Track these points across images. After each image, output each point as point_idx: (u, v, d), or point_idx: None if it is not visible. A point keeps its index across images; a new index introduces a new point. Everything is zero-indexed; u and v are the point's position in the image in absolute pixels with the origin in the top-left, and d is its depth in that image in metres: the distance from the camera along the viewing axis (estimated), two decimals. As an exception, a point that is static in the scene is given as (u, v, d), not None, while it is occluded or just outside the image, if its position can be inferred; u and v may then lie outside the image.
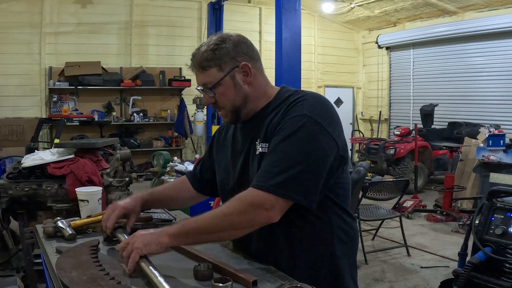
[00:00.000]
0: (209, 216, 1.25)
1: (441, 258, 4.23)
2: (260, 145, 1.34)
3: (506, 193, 2.34)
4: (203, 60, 1.33)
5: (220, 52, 1.33)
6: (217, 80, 1.33)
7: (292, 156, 1.22)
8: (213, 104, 1.40)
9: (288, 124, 1.26)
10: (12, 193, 2.69)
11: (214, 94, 1.36)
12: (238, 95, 1.36)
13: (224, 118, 1.43)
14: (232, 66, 1.34)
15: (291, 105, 1.31)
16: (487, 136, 5.56)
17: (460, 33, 8.30)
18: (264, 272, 1.27)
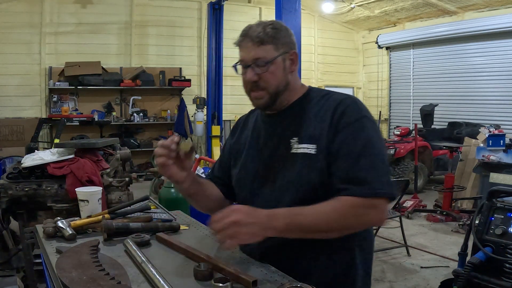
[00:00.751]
0: (321, 216, 1.20)
1: (441, 258, 4.23)
2: (301, 145, 1.32)
3: (506, 193, 2.34)
4: (265, 34, 1.32)
5: (279, 33, 1.34)
6: (272, 57, 1.32)
7: (381, 157, 1.26)
8: (253, 83, 1.35)
9: (354, 128, 1.27)
10: (12, 193, 2.69)
11: (266, 70, 1.33)
12: (283, 79, 1.36)
13: (258, 100, 1.37)
14: (285, 50, 1.35)
15: (340, 106, 1.31)
16: (487, 136, 5.56)
17: (460, 33, 8.30)
18: (264, 272, 1.27)
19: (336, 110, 1.30)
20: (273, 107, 1.39)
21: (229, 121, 9.59)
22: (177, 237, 1.58)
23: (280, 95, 1.36)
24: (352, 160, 1.23)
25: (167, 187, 3.11)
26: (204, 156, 7.77)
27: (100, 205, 1.82)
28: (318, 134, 1.30)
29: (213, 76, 8.42)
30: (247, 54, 1.35)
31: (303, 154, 1.30)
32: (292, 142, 1.33)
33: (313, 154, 1.29)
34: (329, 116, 1.30)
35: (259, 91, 1.36)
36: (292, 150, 1.32)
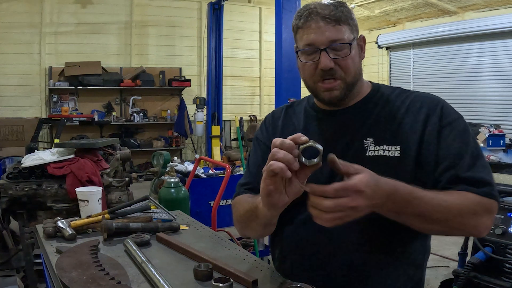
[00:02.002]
0: (442, 207, 1.01)
1: (441, 258, 4.23)
2: (379, 147, 1.14)
3: (506, 193, 2.34)
4: (342, 13, 1.13)
5: (352, 15, 1.18)
6: (350, 40, 1.13)
7: (484, 160, 1.13)
8: (326, 71, 1.14)
9: (461, 126, 1.14)
10: (12, 193, 2.69)
11: (347, 54, 1.13)
12: (360, 67, 1.19)
13: (332, 91, 1.16)
14: (356, 34, 1.17)
15: (437, 106, 1.16)
16: (487, 136, 5.56)
17: (460, 33, 8.30)
18: (264, 272, 1.27)
19: (432, 109, 1.15)
20: (346, 98, 1.19)
21: (229, 121, 9.59)
22: (177, 237, 1.58)
23: (355, 87, 1.18)
24: (468, 160, 1.09)
25: (167, 187, 3.11)
26: (204, 156, 7.78)
27: (100, 205, 1.82)
28: (404, 134, 1.13)
29: (213, 76, 8.43)
30: (320, 35, 1.12)
31: (383, 156, 1.13)
32: (367, 143, 1.15)
33: (396, 156, 1.12)
34: (423, 113, 1.14)
35: (333, 80, 1.15)
36: (368, 153, 1.15)
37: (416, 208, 0.98)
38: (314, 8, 1.14)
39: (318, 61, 1.14)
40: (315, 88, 1.19)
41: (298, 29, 1.17)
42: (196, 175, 4.47)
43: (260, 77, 10.04)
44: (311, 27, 1.13)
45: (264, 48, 9.85)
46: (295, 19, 1.18)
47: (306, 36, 1.14)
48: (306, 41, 1.15)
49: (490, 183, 1.08)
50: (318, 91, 1.19)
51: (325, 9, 1.13)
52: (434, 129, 1.13)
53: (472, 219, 1.05)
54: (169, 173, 4.13)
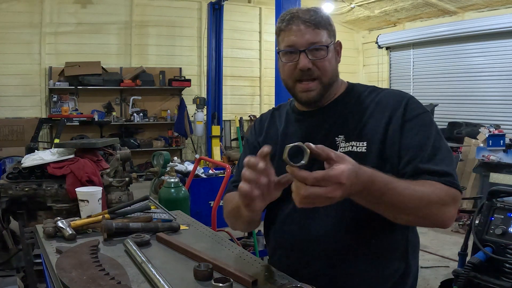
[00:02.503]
0: (416, 195, 1.04)
1: (441, 258, 4.23)
2: (348, 143, 1.21)
3: (506, 193, 2.34)
4: (321, 19, 1.22)
5: (331, 20, 1.26)
6: (327, 43, 1.22)
7: (444, 149, 1.17)
8: (304, 72, 1.22)
9: (425, 120, 1.21)
10: (12, 193, 2.69)
11: (324, 56, 1.21)
12: (336, 70, 1.28)
13: (309, 91, 1.24)
14: (333, 39, 1.26)
15: (392, 101, 1.23)
16: (487, 136, 5.56)
17: (460, 33, 8.30)
18: (264, 272, 1.27)
19: (397, 105, 1.22)
20: (322, 99, 1.27)
21: (229, 121, 9.59)
22: (177, 237, 1.58)
23: (330, 88, 1.27)
24: (429, 152, 1.14)
25: (167, 187, 3.11)
26: (204, 156, 7.78)
27: (100, 205, 1.82)
28: (370, 130, 1.20)
29: (213, 76, 8.43)
30: (300, 38, 1.20)
31: (351, 152, 1.19)
32: (338, 140, 1.23)
33: (363, 152, 1.19)
34: (389, 110, 1.21)
35: (310, 81, 1.23)
36: (339, 149, 1.21)
37: (389, 197, 1.02)
38: (296, 12, 1.23)
39: (298, 61, 1.22)
40: (294, 89, 1.27)
41: (281, 31, 1.25)
42: (196, 175, 4.47)
43: (260, 77, 10.04)
44: (292, 30, 1.21)
45: (264, 48, 9.84)
46: (278, 22, 1.26)
47: (288, 38, 1.23)
48: (287, 42, 1.23)
49: (451, 173, 1.12)
50: (296, 92, 1.27)
51: (306, 14, 1.21)
52: (397, 124, 1.19)
53: (440, 209, 1.08)
54: (169, 173, 4.13)
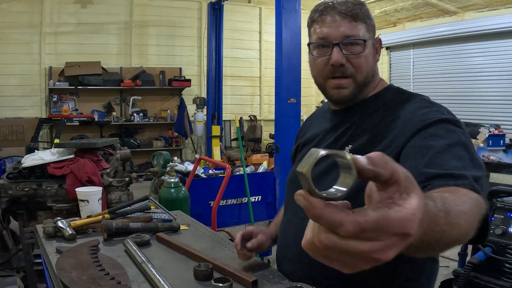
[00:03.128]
0: (470, 216, 0.71)
1: (441, 258, 4.23)
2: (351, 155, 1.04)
3: (506, 193, 2.34)
4: (360, 11, 1.10)
5: (370, 15, 1.15)
6: (365, 38, 1.10)
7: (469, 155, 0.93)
8: (337, 68, 1.09)
9: (436, 129, 1.00)
10: (12, 193, 2.69)
11: (361, 51, 1.09)
12: (373, 68, 1.14)
13: (342, 89, 1.12)
14: (373, 35, 1.15)
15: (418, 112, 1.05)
16: (487, 136, 5.56)
17: (460, 33, 8.30)
18: (264, 272, 1.27)
19: (420, 124, 1.03)
20: (356, 99, 1.14)
21: (229, 121, 9.60)
22: (177, 237, 1.58)
23: (365, 87, 1.13)
24: (443, 154, 0.91)
25: (167, 187, 3.11)
26: (204, 156, 7.78)
27: (100, 205, 1.83)
28: (382, 149, 1.02)
29: (213, 76, 8.43)
30: (334, 30, 1.08)
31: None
32: (346, 149, 1.09)
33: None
34: (409, 132, 1.02)
35: (343, 78, 1.11)
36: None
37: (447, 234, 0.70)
38: (331, 2, 1.10)
39: (330, 56, 1.09)
40: (325, 85, 1.14)
41: (313, 22, 1.14)
42: (196, 175, 4.46)
43: (260, 77, 10.04)
44: (326, 21, 1.09)
45: (264, 48, 9.84)
46: (311, 13, 1.15)
47: (320, 29, 1.10)
48: (319, 34, 1.11)
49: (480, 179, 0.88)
50: (327, 89, 1.14)
51: (343, 5, 1.09)
52: (412, 135, 1.02)
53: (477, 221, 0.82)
54: (169, 173, 4.13)
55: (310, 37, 1.16)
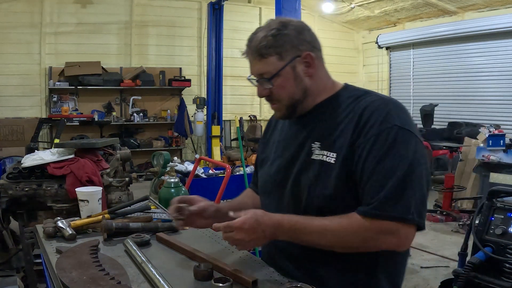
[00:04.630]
0: (325, 233, 1.13)
1: (441, 258, 4.23)
2: (320, 151, 1.20)
3: (506, 193, 2.34)
4: (262, 46, 1.19)
5: (282, 39, 1.19)
6: (276, 70, 1.19)
7: (400, 174, 1.08)
8: (267, 97, 1.25)
9: (379, 139, 1.12)
10: (12, 193, 2.68)
11: (271, 86, 1.21)
12: (298, 88, 1.22)
13: (277, 112, 1.29)
14: (293, 55, 1.20)
15: (365, 113, 1.16)
16: (487, 136, 5.55)
17: (460, 33, 8.30)
18: (264, 272, 1.27)
19: (361, 117, 1.16)
20: (295, 115, 1.28)
21: (229, 121, 9.60)
22: (177, 237, 1.58)
23: (299, 104, 1.25)
24: (375, 180, 1.10)
25: (167, 187, 3.10)
26: (204, 156, 7.78)
27: (100, 205, 1.82)
28: (340, 143, 1.17)
29: (213, 76, 8.43)
30: (252, 69, 1.25)
31: (322, 161, 1.19)
32: (314, 147, 1.22)
33: (331, 163, 1.17)
34: (354, 123, 1.16)
35: (274, 103, 1.27)
36: (313, 156, 1.21)
37: (302, 236, 1.15)
38: (252, 39, 1.23)
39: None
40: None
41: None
42: (196, 175, 4.46)
43: (260, 77, 10.03)
44: (248, 60, 1.25)
45: (264, 48, 9.84)
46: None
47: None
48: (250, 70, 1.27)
49: (386, 203, 1.08)
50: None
51: (255, 40, 1.21)
52: (357, 138, 1.15)
53: (360, 242, 1.12)
54: (169, 173, 4.12)
55: None
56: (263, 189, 1.41)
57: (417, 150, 1.12)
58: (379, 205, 1.09)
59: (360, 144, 1.14)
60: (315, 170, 1.20)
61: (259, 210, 1.19)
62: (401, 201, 1.08)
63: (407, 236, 1.12)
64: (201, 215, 1.35)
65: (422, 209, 1.13)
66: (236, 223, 1.13)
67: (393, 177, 1.09)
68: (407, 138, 1.12)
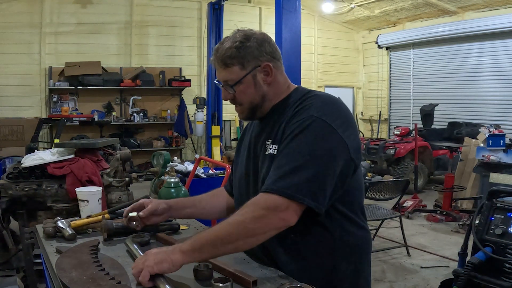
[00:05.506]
0: (222, 226, 1.20)
1: (441, 258, 4.23)
2: (270, 146, 1.33)
3: (506, 193, 2.34)
4: (227, 57, 1.33)
5: (245, 51, 1.32)
6: (238, 78, 1.34)
7: (299, 157, 1.20)
8: (231, 100, 1.40)
9: (295, 126, 1.25)
10: (12, 193, 2.69)
11: (234, 91, 1.36)
12: (257, 94, 1.37)
13: (240, 114, 1.44)
14: (254, 65, 1.34)
15: (299, 106, 1.30)
16: (487, 136, 5.55)
17: (460, 33, 8.30)
18: (264, 272, 1.27)
19: (294, 110, 1.30)
20: (255, 117, 1.43)
21: (229, 121, 9.60)
22: (177, 237, 1.58)
23: (258, 108, 1.39)
24: (278, 161, 1.24)
25: (167, 187, 3.11)
26: (204, 156, 7.78)
27: (100, 205, 1.83)
28: (280, 135, 1.30)
29: (213, 76, 8.41)
30: (218, 75, 1.38)
31: (270, 155, 1.31)
32: (268, 144, 1.34)
33: (274, 154, 1.29)
34: (289, 116, 1.30)
35: (237, 106, 1.42)
36: (267, 151, 1.33)
37: (202, 238, 1.19)
38: (217, 48, 1.36)
39: None
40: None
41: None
42: (196, 175, 4.46)
43: (260, 77, 10.03)
44: (215, 67, 1.38)
45: (264, 48, 9.84)
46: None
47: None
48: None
49: (276, 180, 1.19)
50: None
51: (221, 50, 1.34)
52: (284, 128, 1.29)
53: (253, 223, 1.17)
54: (169, 173, 4.12)
55: None
56: (234, 190, 1.54)
57: (324, 139, 1.22)
58: (270, 182, 1.20)
59: (285, 132, 1.28)
60: (268, 164, 1.31)
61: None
62: (289, 179, 1.18)
63: (287, 209, 1.17)
64: (154, 214, 1.49)
65: (318, 192, 1.19)
66: (139, 258, 1.22)
67: (293, 159, 1.20)
68: (319, 128, 1.23)
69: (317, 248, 1.30)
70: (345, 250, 1.32)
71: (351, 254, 1.34)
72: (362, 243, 1.38)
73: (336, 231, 1.30)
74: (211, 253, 1.18)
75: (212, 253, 1.19)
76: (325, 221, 1.28)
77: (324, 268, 1.31)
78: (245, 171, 1.44)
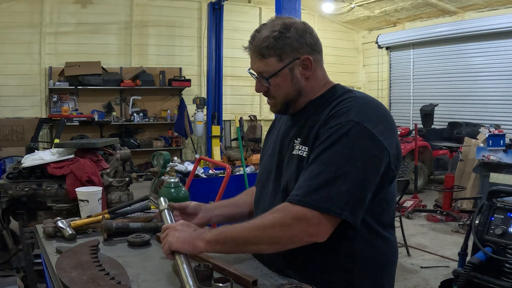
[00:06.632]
0: (248, 227, 1.16)
1: (441, 258, 4.23)
2: (299, 146, 1.25)
3: (506, 193, 2.33)
4: (264, 47, 1.23)
5: (283, 42, 1.22)
6: (275, 70, 1.24)
7: (336, 167, 1.11)
8: (264, 93, 1.31)
9: (332, 131, 1.15)
10: (12, 193, 2.68)
11: (269, 84, 1.27)
12: (293, 88, 1.27)
13: (272, 107, 1.34)
14: (293, 57, 1.24)
15: (335, 108, 1.20)
16: (487, 136, 5.55)
17: (460, 33, 8.30)
18: (264, 272, 1.27)
19: (330, 111, 1.21)
20: (289, 112, 1.33)
21: (229, 121, 9.60)
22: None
23: (293, 103, 1.30)
24: (310, 170, 1.15)
25: (167, 187, 3.10)
26: (204, 156, 7.78)
27: (100, 205, 1.82)
28: (312, 137, 1.22)
29: (213, 76, 8.43)
30: (252, 65, 1.30)
31: (298, 156, 1.24)
32: (296, 142, 1.27)
33: (304, 157, 1.22)
34: (324, 117, 1.21)
35: (270, 99, 1.32)
36: (294, 151, 1.26)
37: (228, 234, 1.17)
38: (255, 35, 1.27)
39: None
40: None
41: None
42: (196, 175, 4.46)
43: (260, 77, 10.03)
44: (250, 55, 1.30)
45: (264, 48, 9.84)
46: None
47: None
48: (250, 65, 1.32)
49: (308, 191, 1.11)
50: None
51: (257, 39, 1.25)
52: (319, 131, 1.20)
53: (280, 231, 1.12)
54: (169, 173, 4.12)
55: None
56: (257, 186, 1.46)
57: (365, 147, 1.13)
58: (303, 193, 1.12)
59: (320, 136, 1.19)
60: (294, 165, 1.25)
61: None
62: (325, 192, 1.10)
63: (319, 225, 1.10)
64: (184, 213, 1.47)
65: (357, 204, 1.12)
66: (168, 225, 1.25)
67: (328, 169, 1.12)
68: (359, 134, 1.13)
69: (336, 262, 1.23)
70: (366, 265, 1.24)
71: (373, 269, 1.26)
72: (386, 259, 1.30)
73: (360, 245, 1.22)
74: (233, 249, 1.21)
75: (233, 250, 1.21)
76: (349, 233, 1.19)
77: (342, 282, 1.24)
78: (269, 167, 1.37)
